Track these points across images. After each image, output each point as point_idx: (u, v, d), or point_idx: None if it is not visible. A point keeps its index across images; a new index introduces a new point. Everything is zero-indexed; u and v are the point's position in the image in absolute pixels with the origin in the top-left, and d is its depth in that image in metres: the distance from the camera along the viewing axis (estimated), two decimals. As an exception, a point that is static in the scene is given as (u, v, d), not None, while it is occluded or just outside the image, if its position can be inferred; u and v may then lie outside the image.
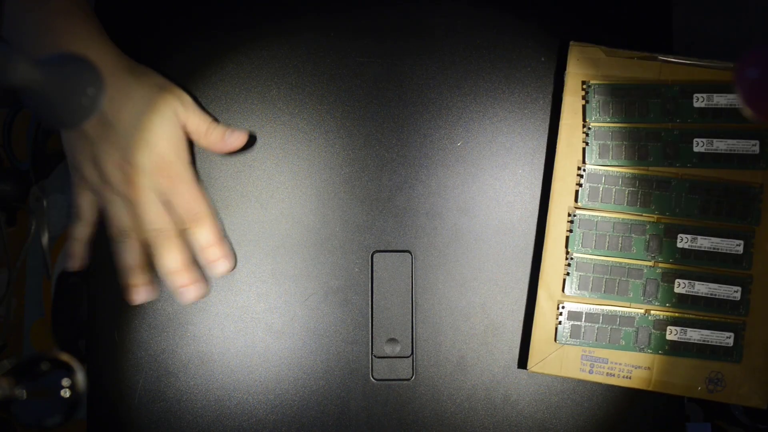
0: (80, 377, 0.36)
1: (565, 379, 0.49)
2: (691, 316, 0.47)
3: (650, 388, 0.47)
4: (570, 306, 0.48)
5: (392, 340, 0.49)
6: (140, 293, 0.49)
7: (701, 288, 0.47)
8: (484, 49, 0.51)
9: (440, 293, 0.50)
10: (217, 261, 0.49)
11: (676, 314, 0.47)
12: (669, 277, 0.47)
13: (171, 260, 0.48)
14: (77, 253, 0.50)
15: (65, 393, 0.35)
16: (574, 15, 0.51)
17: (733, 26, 0.55)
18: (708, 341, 0.47)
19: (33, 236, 0.56)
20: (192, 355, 0.50)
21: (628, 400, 0.49)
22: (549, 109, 0.51)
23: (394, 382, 0.49)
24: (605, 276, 0.48)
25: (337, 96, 0.51)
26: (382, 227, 0.50)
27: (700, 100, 0.47)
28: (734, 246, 0.47)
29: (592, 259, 0.48)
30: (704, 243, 0.47)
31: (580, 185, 0.48)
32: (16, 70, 0.26)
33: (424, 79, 0.51)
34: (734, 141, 0.47)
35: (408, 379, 0.49)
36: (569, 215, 0.48)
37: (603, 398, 0.49)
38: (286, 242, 0.50)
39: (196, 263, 0.49)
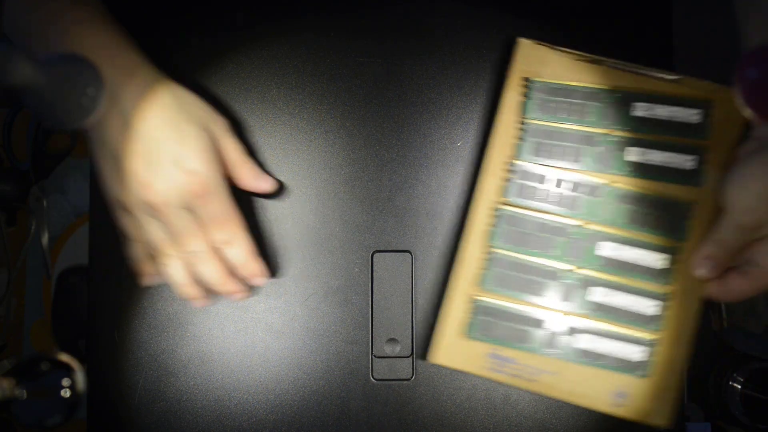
0: (80, 377, 0.36)
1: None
2: (604, 325, 0.46)
3: (554, 395, 0.46)
4: (484, 301, 0.47)
5: (392, 340, 0.49)
6: (199, 303, 0.47)
7: (618, 298, 0.46)
8: (484, 49, 0.51)
9: (440, 293, 0.50)
10: (250, 278, 0.47)
11: (589, 322, 0.46)
12: (586, 284, 0.46)
13: (212, 276, 0.46)
14: (143, 271, 0.48)
15: (65, 393, 0.35)
16: (576, 17, 0.51)
17: (733, 26, 0.55)
18: (618, 353, 0.46)
19: (33, 236, 0.56)
20: (192, 355, 0.50)
21: (628, 400, 0.49)
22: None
23: (394, 382, 0.49)
24: (523, 275, 0.47)
25: (337, 96, 0.51)
26: (382, 227, 0.50)
27: (640, 110, 0.47)
28: (657, 260, 0.46)
29: (512, 257, 0.47)
30: (627, 253, 0.46)
31: (509, 181, 0.47)
32: (16, 70, 0.26)
33: (424, 79, 0.51)
34: (670, 154, 0.47)
35: (408, 379, 0.49)
36: (495, 210, 0.47)
37: (603, 398, 0.49)
38: (286, 242, 0.50)
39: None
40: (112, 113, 0.43)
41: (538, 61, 0.48)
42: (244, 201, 0.50)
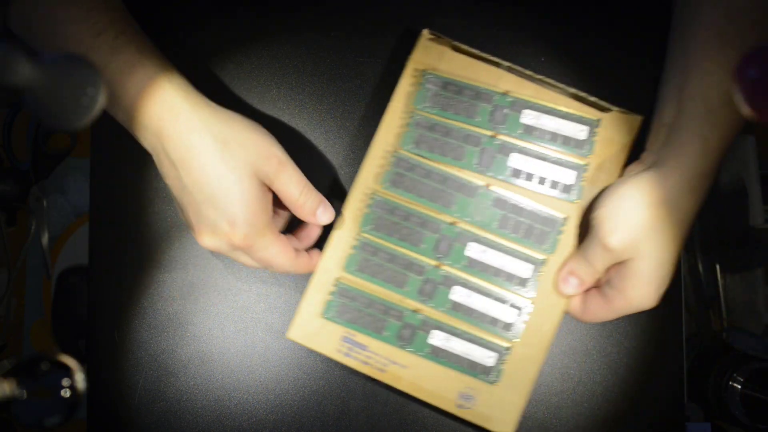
0: (80, 377, 0.36)
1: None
2: (460, 326, 0.46)
3: (401, 387, 0.46)
4: (345, 284, 0.47)
5: (392, 340, 0.49)
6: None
7: (478, 301, 0.46)
8: (483, 49, 0.51)
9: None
10: None
11: (446, 320, 0.46)
12: (449, 282, 0.46)
13: None
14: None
15: (65, 393, 0.35)
16: (579, 16, 0.51)
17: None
18: (470, 355, 0.46)
19: (33, 236, 0.56)
20: (192, 355, 0.50)
21: (629, 400, 0.49)
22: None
23: (394, 382, 0.49)
24: (388, 264, 0.46)
25: (337, 96, 0.51)
26: (382, 227, 0.50)
27: (528, 117, 0.47)
28: (522, 269, 0.46)
29: (379, 244, 0.47)
30: (494, 258, 0.46)
31: (388, 168, 0.47)
32: (16, 70, 0.26)
33: (424, 79, 0.51)
34: (551, 166, 0.47)
35: (408, 379, 0.49)
36: (370, 195, 0.47)
37: (603, 398, 0.49)
38: (286, 242, 0.50)
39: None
40: (162, 158, 0.43)
41: (436, 55, 0.48)
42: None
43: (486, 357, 0.46)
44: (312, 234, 0.48)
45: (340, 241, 0.47)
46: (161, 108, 0.42)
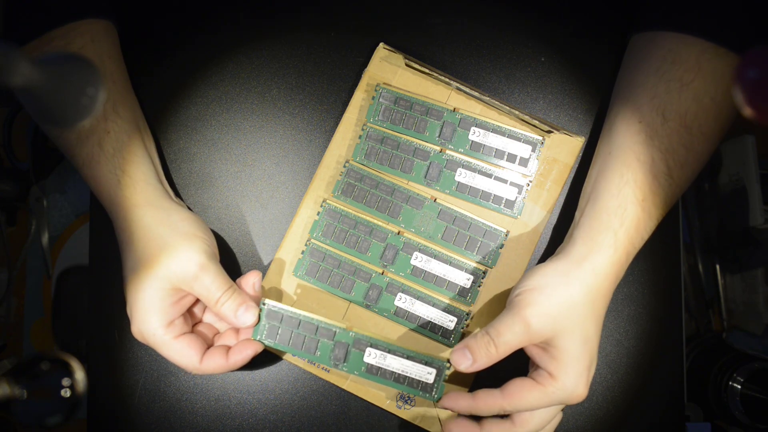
0: (80, 377, 0.36)
1: None
2: (395, 342, 0.45)
3: (344, 387, 0.48)
4: (271, 304, 0.45)
5: (392, 340, 0.49)
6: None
7: (420, 308, 0.48)
8: (484, 49, 0.51)
9: (440, 293, 0.50)
10: None
11: (379, 337, 0.45)
12: (393, 289, 0.48)
13: None
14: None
15: (65, 393, 0.35)
16: (570, 13, 0.51)
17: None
18: (407, 372, 0.45)
19: (33, 236, 0.56)
20: (192, 355, 0.50)
21: (628, 400, 0.49)
22: (549, 108, 0.51)
23: (394, 382, 0.49)
24: (334, 269, 0.48)
25: (338, 96, 0.51)
26: (382, 227, 0.50)
27: (475, 134, 0.48)
28: (464, 279, 0.48)
29: (327, 249, 0.48)
30: (437, 268, 0.48)
31: (339, 177, 0.49)
32: (16, 70, 0.26)
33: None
34: (495, 182, 0.48)
35: (408, 379, 0.49)
36: (321, 203, 0.49)
37: (603, 398, 0.49)
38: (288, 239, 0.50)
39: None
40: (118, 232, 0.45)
41: (390, 69, 0.49)
42: (243, 201, 0.50)
43: (425, 374, 0.45)
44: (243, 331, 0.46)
45: (290, 247, 0.49)
46: (116, 206, 0.45)
